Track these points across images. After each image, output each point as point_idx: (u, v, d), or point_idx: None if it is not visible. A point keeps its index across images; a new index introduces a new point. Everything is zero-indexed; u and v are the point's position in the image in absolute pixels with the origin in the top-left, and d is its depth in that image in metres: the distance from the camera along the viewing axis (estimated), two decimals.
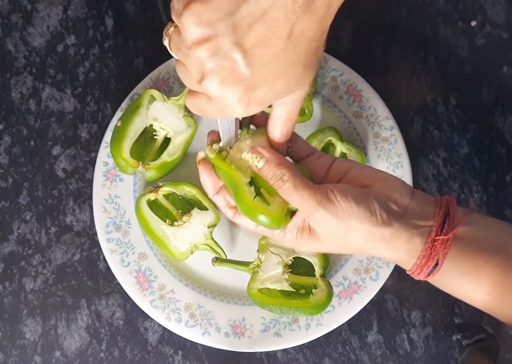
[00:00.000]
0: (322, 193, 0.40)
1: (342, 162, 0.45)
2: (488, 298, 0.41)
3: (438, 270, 0.41)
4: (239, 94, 0.35)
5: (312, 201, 0.40)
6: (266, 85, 0.35)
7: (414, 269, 0.42)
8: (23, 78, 0.66)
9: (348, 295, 0.59)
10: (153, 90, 0.60)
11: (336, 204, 0.40)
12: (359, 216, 0.40)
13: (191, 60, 0.35)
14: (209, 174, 0.44)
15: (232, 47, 0.33)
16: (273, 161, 0.41)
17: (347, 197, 0.40)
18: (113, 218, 0.61)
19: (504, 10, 0.67)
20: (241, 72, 0.34)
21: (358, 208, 0.40)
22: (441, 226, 0.41)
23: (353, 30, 0.67)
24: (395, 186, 0.43)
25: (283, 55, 0.34)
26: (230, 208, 0.45)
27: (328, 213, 0.40)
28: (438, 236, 0.40)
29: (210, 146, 0.43)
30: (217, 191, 0.45)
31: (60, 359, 0.62)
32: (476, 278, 0.41)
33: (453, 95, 0.66)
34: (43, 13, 0.67)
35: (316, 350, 0.62)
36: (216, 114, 0.37)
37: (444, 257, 0.41)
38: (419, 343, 0.62)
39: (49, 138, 0.65)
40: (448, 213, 0.42)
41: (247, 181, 0.42)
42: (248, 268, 0.57)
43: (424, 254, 0.41)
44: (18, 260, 0.63)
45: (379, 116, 0.63)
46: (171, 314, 0.59)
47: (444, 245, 0.40)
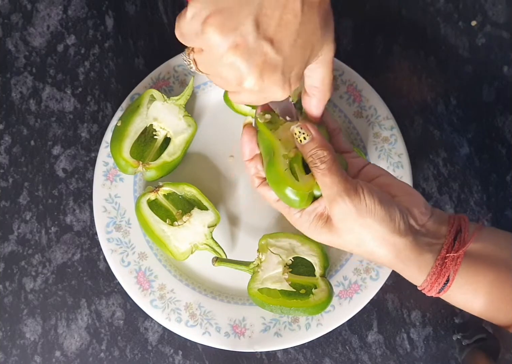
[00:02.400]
0: (352, 184, 0.42)
1: (374, 168, 0.47)
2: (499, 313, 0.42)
3: (449, 286, 0.42)
4: (280, 80, 0.37)
5: (340, 187, 0.41)
6: (298, 60, 0.37)
7: (425, 285, 0.43)
8: (23, 78, 0.66)
9: (348, 295, 0.59)
10: (153, 90, 0.60)
11: (362, 198, 0.41)
12: (379, 217, 0.41)
13: (226, 68, 0.37)
14: (251, 138, 0.46)
15: (259, 42, 0.35)
16: (318, 140, 0.43)
17: (373, 196, 0.41)
18: (113, 218, 0.61)
19: (504, 10, 0.67)
20: (274, 60, 0.36)
21: (381, 209, 0.41)
22: (452, 243, 0.42)
23: (353, 30, 0.67)
24: (418, 203, 0.43)
25: (302, 27, 0.36)
26: (258, 178, 0.47)
27: (352, 204, 0.41)
28: (448, 253, 0.41)
29: (263, 113, 0.45)
30: (251, 157, 0.46)
31: (60, 359, 0.62)
32: (487, 294, 0.41)
33: (453, 95, 0.66)
34: (43, 13, 0.67)
35: (316, 350, 0.62)
36: (263, 101, 0.39)
37: (455, 273, 0.41)
38: (419, 343, 0.62)
39: (49, 138, 0.65)
40: (459, 230, 0.42)
41: (284, 153, 0.44)
42: (248, 268, 0.57)
43: (434, 270, 0.41)
44: (18, 260, 0.63)
45: (379, 116, 0.63)
46: (171, 314, 0.59)
47: (454, 262, 0.41)
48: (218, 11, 0.35)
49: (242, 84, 0.37)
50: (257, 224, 0.62)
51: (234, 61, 0.36)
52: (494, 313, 0.42)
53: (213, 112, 0.64)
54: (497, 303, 0.41)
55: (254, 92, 0.38)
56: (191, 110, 0.64)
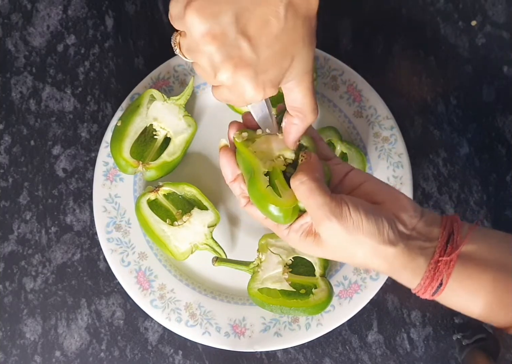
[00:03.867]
0: (337, 202, 0.41)
1: (357, 173, 0.46)
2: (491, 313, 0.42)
3: (442, 289, 0.42)
4: (251, 79, 0.36)
5: (326, 208, 0.41)
6: (273, 65, 0.36)
7: (419, 289, 0.43)
8: (23, 78, 0.66)
9: (348, 295, 0.59)
10: (153, 89, 0.60)
11: (348, 216, 0.41)
12: (367, 232, 0.41)
13: (202, 56, 0.36)
14: (229, 159, 0.46)
15: (237, 36, 0.35)
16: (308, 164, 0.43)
17: (359, 211, 0.41)
18: (113, 217, 0.61)
19: (504, 10, 0.67)
20: (249, 58, 0.35)
21: (368, 223, 0.41)
22: (444, 246, 0.41)
23: (353, 30, 0.67)
24: (405, 207, 0.43)
25: (283, 34, 0.36)
26: (244, 197, 0.46)
27: (338, 224, 0.41)
28: (441, 257, 0.41)
29: (239, 133, 0.45)
30: (234, 179, 0.46)
31: (60, 359, 0.62)
32: (482, 296, 0.41)
33: (453, 94, 0.66)
34: (43, 12, 0.67)
35: (316, 350, 0.62)
36: (239, 101, 0.39)
37: (448, 276, 0.41)
38: (419, 343, 0.62)
39: (49, 138, 0.65)
40: (452, 232, 0.42)
41: (264, 171, 0.43)
42: (248, 268, 0.57)
43: (427, 274, 0.41)
44: (18, 260, 0.63)
45: (379, 115, 0.63)
46: (171, 313, 0.59)
47: (447, 265, 0.41)
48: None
49: (217, 76, 0.36)
50: (257, 224, 0.62)
51: (209, 50, 0.35)
52: (492, 316, 0.42)
53: (213, 112, 0.64)
54: (495, 306, 0.41)
55: (230, 87, 0.37)
56: (191, 110, 0.64)
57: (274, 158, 0.45)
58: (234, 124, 0.46)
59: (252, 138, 0.45)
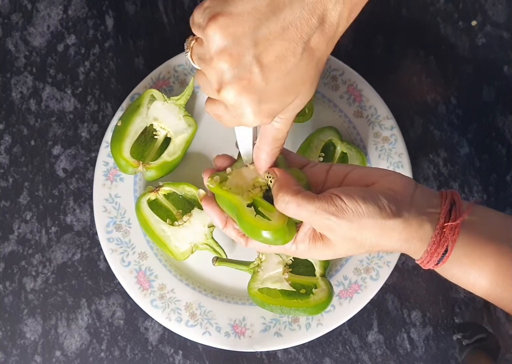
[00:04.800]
0: (327, 201, 0.41)
1: (339, 167, 0.46)
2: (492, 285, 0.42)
3: (447, 256, 0.41)
4: (253, 104, 0.37)
5: (320, 212, 0.41)
6: (278, 97, 0.37)
7: (424, 257, 0.42)
8: (23, 78, 0.66)
9: (349, 295, 0.59)
10: (153, 89, 0.60)
11: (344, 207, 0.41)
12: (369, 214, 0.40)
13: (212, 70, 0.37)
14: (213, 207, 0.46)
15: (252, 60, 0.35)
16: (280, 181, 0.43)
17: (353, 198, 0.41)
18: (114, 217, 0.61)
19: (504, 10, 0.67)
20: (258, 84, 0.36)
21: (366, 206, 0.40)
22: (448, 213, 0.42)
23: (353, 30, 0.67)
24: (397, 180, 0.43)
25: (296, 71, 0.37)
26: (242, 237, 0.46)
27: (338, 219, 0.41)
28: (446, 223, 0.41)
29: (211, 178, 0.45)
30: (225, 224, 0.46)
31: (61, 359, 0.62)
32: (483, 266, 0.41)
33: (453, 94, 0.66)
34: (44, 12, 0.67)
35: (317, 350, 0.62)
36: (232, 122, 0.39)
37: (453, 243, 0.41)
38: (419, 343, 0.62)
39: (50, 138, 0.65)
40: (453, 203, 0.42)
41: (246, 203, 0.43)
42: (248, 268, 0.57)
43: (434, 240, 0.41)
44: (19, 260, 0.63)
45: (379, 115, 0.63)
46: (171, 313, 0.59)
47: (453, 232, 0.41)
48: (230, 13, 0.35)
49: (221, 92, 0.37)
50: None
51: (222, 66, 0.36)
52: (498, 290, 0.42)
53: None
54: (500, 277, 0.41)
55: (229, 106, 0.38)
56: (191, 110, 0.64)
57: (250, 189, 0.45)
58: (206, 172, 0.46)
59: (224, 178, 0.45)
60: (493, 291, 0.42)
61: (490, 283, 0.41)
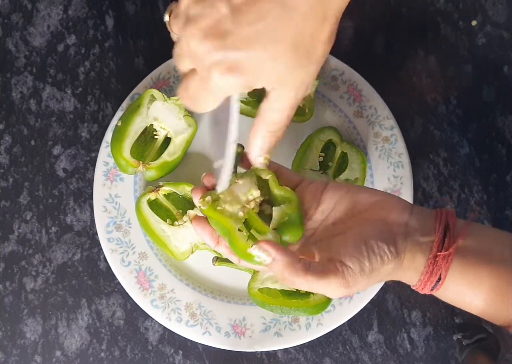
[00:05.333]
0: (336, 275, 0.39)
1: (334, 188, 0.44)
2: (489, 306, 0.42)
3: (441, 284, 0.41)
4: (221, 52, 0.33)
5: (333, 287, 0.40)
6: (251, 48, 0.33)
7: (418, 284, 0.42)
8: (23, 78, 0.66)
9: (349, 295, 0.59)
10: (153, 89, 0.60)
11: (352, 274, 0.40)
12: (374, 268, 0.40)
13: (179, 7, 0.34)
14: (204, 227, 0.44)
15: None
16: (282, 261, 0.40)
17: (357, 259, 0.40)
18: (114, 217, 0.61)
19: (504, 10, 0.67)
20: (225, 26, 0.32)
21: (370, 263, 0.40)
22: (442, 241, 0.41)
23: (353, 30, 0.67)
24: (391, 206, 0.43)
25: (273, 19, 0.32)
26: (234, 255, 0.45)
27: (350, 287, 0.40)
28: (439, 252, 0.41)
29: (203, 199, 0.43)
30: (217, 242, 0.45)
31: (61, 359, 0.62)
32: (478, 288, 0.41)
33: (453, 94, 0.66)
34: (44, 12, 0.67)
35: (317, 350, 0.62)
36: (206, 92, 0.35)
37: (447, 271, 0.41)
38: (419, 343, 0.62)
39: (50, 138, 0.65)
40: (447, 226, 0.42)
41: (238, 227, 0.42)
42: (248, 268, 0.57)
43: (427, 270, 0.41)
44: (19, 260, 0.63)
45: (379, 115, 0.63)
46: (171, 313, 0.59)
47: (445, 260, 0.41)
48: None
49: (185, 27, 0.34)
50: None
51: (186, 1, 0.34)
52: (493, 311, 0.42)
53: None
54: (496, 299, 0.41)
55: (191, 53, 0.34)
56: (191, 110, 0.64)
57: (244, 204, 0.44)
58: (196, 191, 0.44)
59: (216, 197, 0.44)
60: (487, 311, 0.42)
61: (485, 304, 0.41)
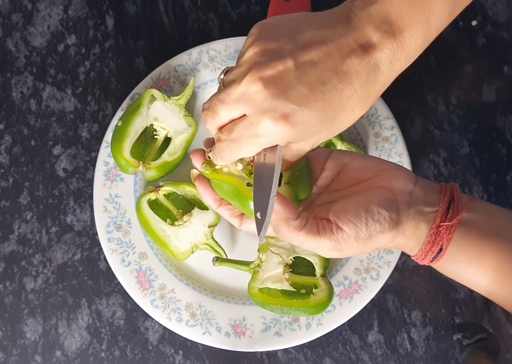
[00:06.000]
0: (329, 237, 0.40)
1: (339, 154, 0.45)
2: (492, 283, 0.41)
3: (442, 255, 0.42)
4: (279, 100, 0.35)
5: (325, 248, 0.41)
6: (307, 106, 0.35)
7: (419, 254, 0.42)
8: (23, 78, 0.66)
9: (349, 295, 0.59)
10: (153, 89, 0.60)
11: (347, 238, 0.40)
12: (371, 234, 0.40)
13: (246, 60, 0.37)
14: (207, 187, 0.45)
15: (287, 54, 0.35)
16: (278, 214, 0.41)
17: (354, 224, 0.40)
18: (114, 217, 0.61)
19: (505, 10, 0.67)
20: (288, 79, 0.35)
21: (367, 228, 0.40)
22: (445, 212, 0.41)
23: None
24: (397, 175, 0.43)
25: (330, 87, 0.35)
26: (236, 217, 0.45)
27: (343, 251, 0.41)
28: (442, 222, 0.41)
29: (206, 165, 0.43)
30: (219, 204, 0.45)
31: (61, 359, 0.62)
32: (480, 263, 0.41)
33: (453, 94, 0.66)
34: (44, 12, 0.67)
35: (317, 350, 0.62)
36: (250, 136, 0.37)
37: (448, 242, 0.41)
38: (419, 343, 0.62)
39: (50, 138, 0.65)
40: (452, 199, 0.42)
41: (246, 182, 0.42)
42: (248, 268, 0.57)
43: (429, 240, 0.41)
44: (19, 260, 0.63)
45: (379, 115, 0.63)
46: (171, 313, 0.59)
47: (448, 231, 0.41)
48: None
49: (243, 79, 0.36)
50: None
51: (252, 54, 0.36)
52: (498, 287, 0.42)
53: None
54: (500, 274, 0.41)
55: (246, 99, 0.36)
56: (192, 110, 0.64)
57: (249, 162, 0.43)
58: (196, 155, 0.44)
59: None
60: (491, 288, 0.42)
61: (490, 281, 0.41)
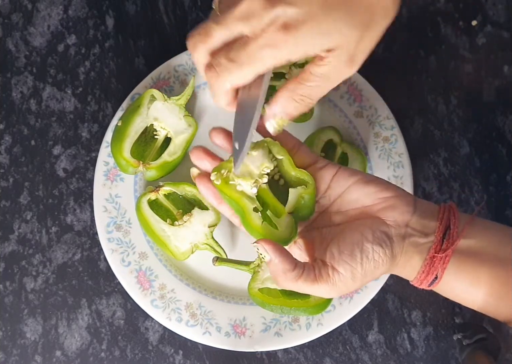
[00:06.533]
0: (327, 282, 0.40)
1: (343, 174, 0.44)
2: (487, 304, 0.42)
3: (437, 282, 0.42)
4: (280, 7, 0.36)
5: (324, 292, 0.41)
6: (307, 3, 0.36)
7: (415, 281, 0.44)
8: (23, 78, 0.66)
9: (349, 295, 0.59)
10: (153, 89, 0.60)
11: (343, 279, 0.40)
12: (367, 273, 0.41)
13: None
14: (208, 187, 0.44)
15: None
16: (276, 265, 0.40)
17: (349, 265, 0.40)
18: (114, 217, 0.61)
19: (504, 10, 0.67)
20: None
21: (363, 267, 0.41)
22: (440, 242, 0.41)
23: None
24: (396, 204, 0.43)
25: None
26: (236, 217, 0.45)
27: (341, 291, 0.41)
28: (437, 253, 0.41)
29: (218, 172, 0.42)
30: (220, 201, 0.45)
31: (61, 359, 0.62)
32: (476, 289, 0.42)
33: (453, 94, 0.66)
34: (44, 12, 0.67)
35: (317, 350, 0.62)
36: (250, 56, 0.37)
37: (443, 271, 0.41)
38: (419, 343, 0.62)
39: (50, 138, 0.65)
40: (449, 226, 0.42)
41: (252, 207, 0.42)
42: (248, 268, 0.57)
43: (423, 270, 0.42)
44: (19, 260, 0.63)
45: (379, 115, 0.63)
46: (171, 313, 0.59)
47: (442, 261, 0.41)
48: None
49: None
50: None
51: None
52: (492, 308, 0.42)
53: (213, 112, 0.64)
54: (494, 299, 0.42)
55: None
56: (192, 110, 0.64)
57: (257, 177, 0.43)
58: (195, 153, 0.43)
59: (229, 168, 0.42)
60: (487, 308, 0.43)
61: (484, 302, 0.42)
